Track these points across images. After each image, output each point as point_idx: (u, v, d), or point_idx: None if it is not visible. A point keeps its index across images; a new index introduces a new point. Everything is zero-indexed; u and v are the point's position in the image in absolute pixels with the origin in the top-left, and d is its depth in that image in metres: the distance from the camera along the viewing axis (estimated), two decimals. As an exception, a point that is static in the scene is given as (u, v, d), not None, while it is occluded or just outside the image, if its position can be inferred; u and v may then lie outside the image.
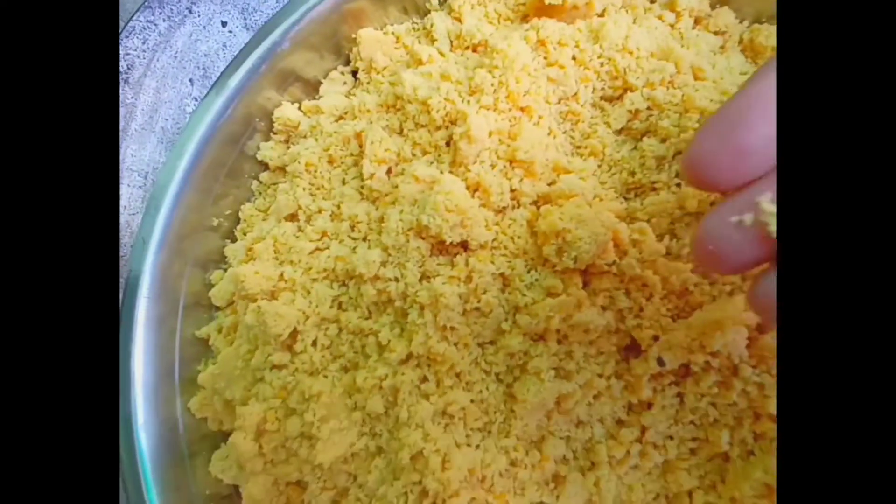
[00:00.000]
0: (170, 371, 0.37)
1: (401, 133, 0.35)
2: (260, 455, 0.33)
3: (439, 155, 0.34)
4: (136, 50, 0.44)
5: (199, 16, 0.45)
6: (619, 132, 0.33)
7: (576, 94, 0.33)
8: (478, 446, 0.31)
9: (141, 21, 0.44)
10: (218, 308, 0.39)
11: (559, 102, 0.34)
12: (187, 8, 0.44)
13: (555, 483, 0.32)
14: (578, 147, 0.34)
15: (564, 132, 0.34)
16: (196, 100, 0.44)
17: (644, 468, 0.32)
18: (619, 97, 0.34)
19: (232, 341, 0.37)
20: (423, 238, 0.31)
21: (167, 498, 0.34)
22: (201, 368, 0.37)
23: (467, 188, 0.31)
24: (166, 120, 0.43)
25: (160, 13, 0.44)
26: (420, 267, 0.31)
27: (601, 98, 0.34)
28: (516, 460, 0.31)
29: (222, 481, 0.36)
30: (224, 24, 0.44)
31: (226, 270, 0.39)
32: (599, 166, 0.33)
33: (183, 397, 0.37)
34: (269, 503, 0.34)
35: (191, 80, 0.44)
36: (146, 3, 0.44)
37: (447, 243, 0.30)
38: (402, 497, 0.30)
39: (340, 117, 0.38)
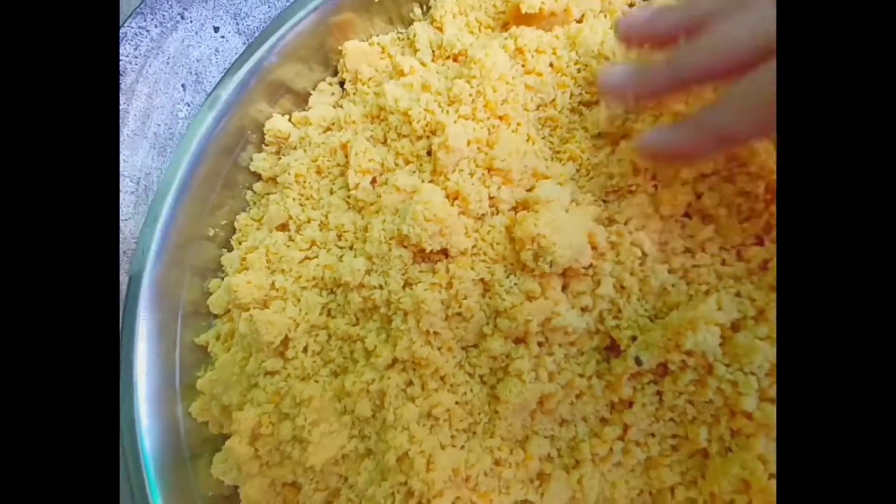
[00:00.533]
0: (171, 377, 0.38)
1: (385, 143, 0.36)
2: (256, 458, 0.35)
3: (421, 164, 0.34)
4: (128, 56, 0.44)
5: (191, 21, 0.44)
6: (596, 136, 0.34)
7: (553, 100, 0.34)
8: (462, 447, 0.32)
9: (133, 27, 0.43)
10: (216, 315, 0.40)
11: (537, 109, 0.34)
12: (179, 14, 0.44)
13: (539, 481, 0.33)
14: (557, 152, 0.34)
15: (543, 138, 0.34)
16: (189, 105, 0.44)
17: (627, 465, 0.32)
18: (597, 102, 0.34)
19: (229, 348, 0.38)
20: (405, 246, 0.32)
21: (171, 499, 0.36)
22: (201, 374, 0.39)
23: (447, 196, 0.32)
24: (158, 125, 0.43)
25: (152, 19, 0.44)
26: (403, 274, 0.32)
27: (579, 103, 0.34)
28: (500, 459, 0.32)
29: (223, 482, 0.37)
30: (216, 29, 0.44)
31: (223, 279, 0.40)
32: (578, 170, 0.33)
33: (184, 402, 0.38)
34: None
35: (183, 86, 0.43)
36: (138, 10, 0.44)
37: (428, 251, 0.31)
38: (389, 497, 0.31)
39: (328, 128, 0.39)
